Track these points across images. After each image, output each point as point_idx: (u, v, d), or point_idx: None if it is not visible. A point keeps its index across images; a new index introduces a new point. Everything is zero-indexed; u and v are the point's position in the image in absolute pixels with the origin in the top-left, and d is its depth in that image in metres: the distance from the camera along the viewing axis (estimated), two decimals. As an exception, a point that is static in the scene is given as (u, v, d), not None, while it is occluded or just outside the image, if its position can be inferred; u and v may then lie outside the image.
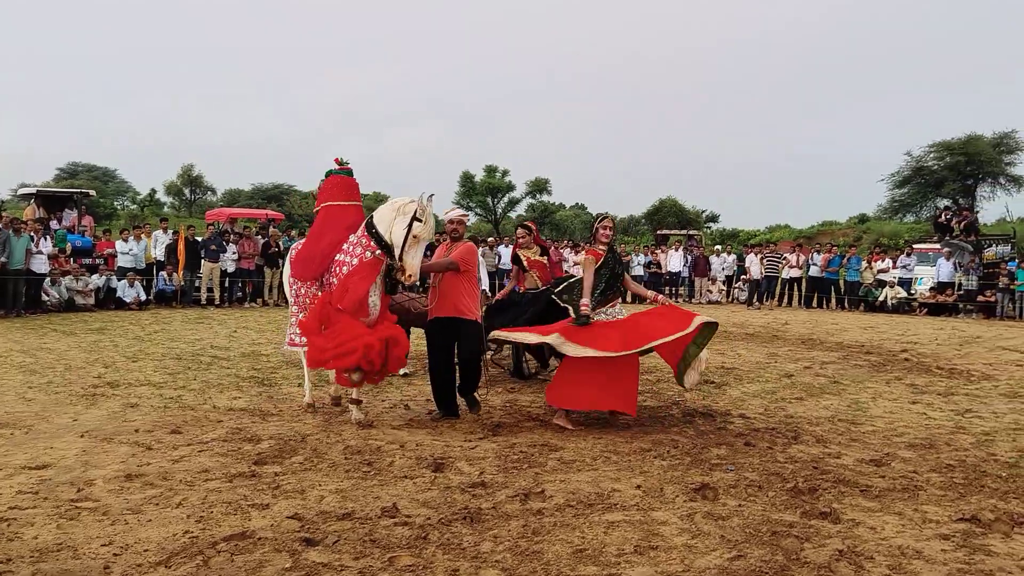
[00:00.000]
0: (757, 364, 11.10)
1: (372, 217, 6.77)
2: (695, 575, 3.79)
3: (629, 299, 23.75)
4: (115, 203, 52.58)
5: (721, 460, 5.90)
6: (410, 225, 6.51)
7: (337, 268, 6.79)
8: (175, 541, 4.14)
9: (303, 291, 7.23)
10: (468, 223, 7.69)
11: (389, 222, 6.61)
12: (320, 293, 6.93)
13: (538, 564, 3.89)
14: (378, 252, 6.65)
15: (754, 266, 23.38)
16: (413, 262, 6.58)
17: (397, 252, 6.58)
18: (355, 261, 6.67)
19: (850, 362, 11.56)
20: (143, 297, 18.12)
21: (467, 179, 54.85)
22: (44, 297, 16.44)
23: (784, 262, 23.56)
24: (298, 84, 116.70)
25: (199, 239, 19.48)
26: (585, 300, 6.73)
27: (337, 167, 7.30)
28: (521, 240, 9.53)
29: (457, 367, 7.27)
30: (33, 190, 21.67)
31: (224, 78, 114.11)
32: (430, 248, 8.56)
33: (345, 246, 6.82)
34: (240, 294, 19.89)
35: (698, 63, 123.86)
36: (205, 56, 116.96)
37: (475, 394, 7.48)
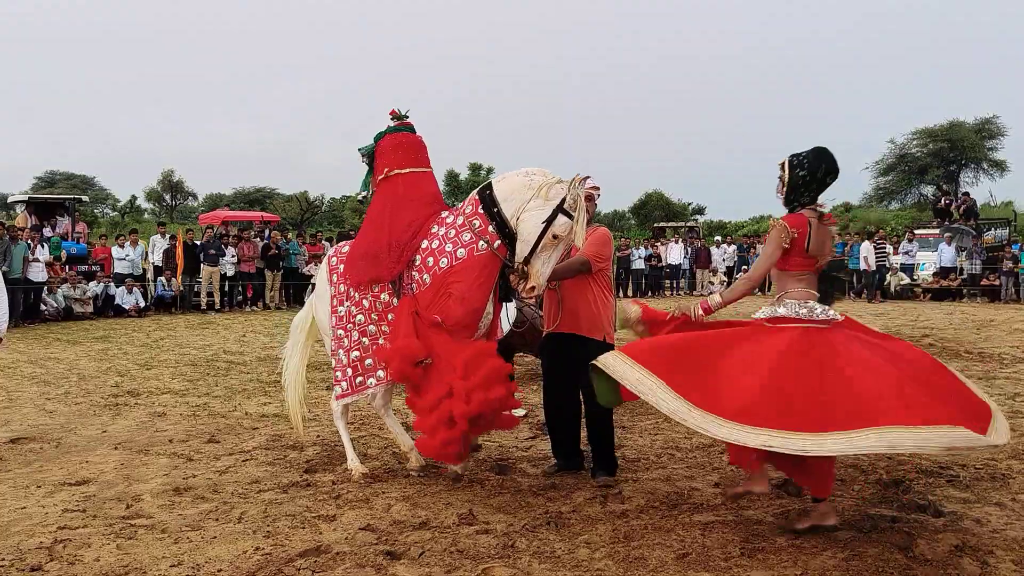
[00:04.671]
0: (785, 354, 10.90)
1: (491, 190, 4.81)
2: (815, 578, 3.56)
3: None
4: (95, 210, 51.80)
5: (790, 453, 5.68)
6: (552, 218, 4.59)
7: (428, 260, 4.78)
8: (248, 559, 3.87)
9: (367, 303, 5.01)
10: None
11: (519, 204, 4.67)
12: (396, 301, 4.93)
13: (645, 571, 3.65)
14: (497, 244, 4.73)
15: (870, 255, 22.07)
16: (544, 270, 4.62)
17: (523, 250, 4.64)
18: (462, 252, 4.70)
19: (877, 349, 11.37)
20: (142, 304, 17.72)
21: (452, 178, 54.47)
22: (42, 306, 16.01)
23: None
24: (274, 87, 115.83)
25: (197, 243, 19.07)
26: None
27: (394, 123, 5.28)
28: None
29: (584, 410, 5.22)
30: (24, 197, 21.17)
31: (198, 83, 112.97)
32: None
33: (437, 229, 4.85)
34: (240, 298, 19.51)
35: (681, 58, 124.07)
36: (179, 61, 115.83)
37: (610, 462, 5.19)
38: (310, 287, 5.99)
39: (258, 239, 20.42)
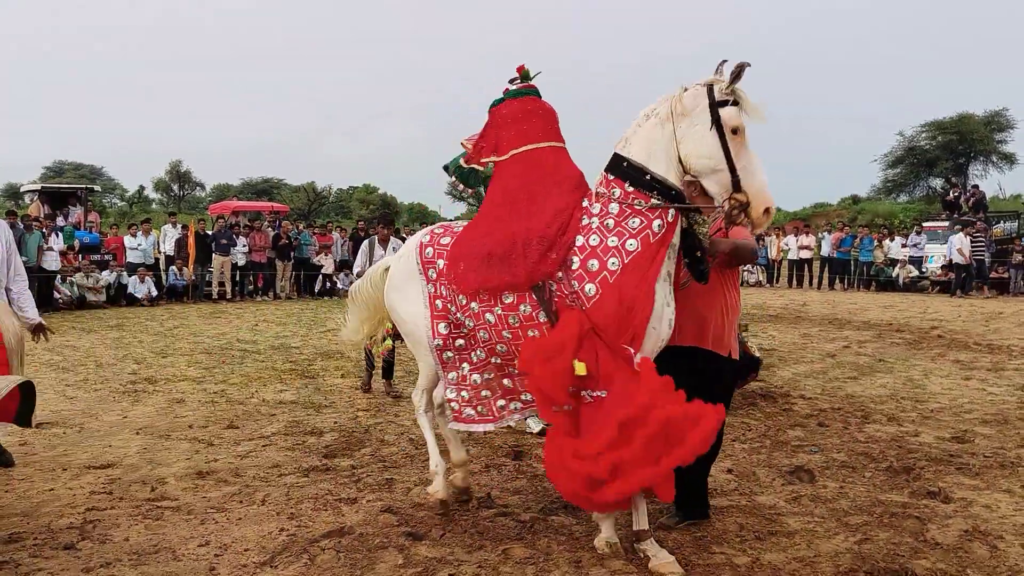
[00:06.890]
0: (794, 345, 10.98)
1: (628, 161, 3.64)
2: (828, 560, 3.64)
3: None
4: (103, 200, 51.96)
5: (801, 442, 5.76)
6: (715, 119, 3.49)
7: (591, 263, 3.56)
8: (273, 539, 3.98)
9: (492, 318, 3.81)
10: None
11: (668, 146, 3.59)
12: (542, 315, 3.67)
13: (662, 553, 3.73)
14: (671, 216, 3.59)
15: (965, 247, 21.28)
16: (758, 179, 3.50)
17: (722, 179, 3.50)
18: (633, 245, 3.53)
19: (885, 340, 11.45)
20: (154, 293, 17.84)
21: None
22: (55, 294, 16.15)
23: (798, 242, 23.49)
24: (279, 80, 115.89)
25: (209, 233, 19.18)
26: None
27: (517, 85, 4.09)
28: None
29: None
30: (36, 186, 21.31)
31: (204, 76, 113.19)
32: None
33: (589, 221, 3.65)
34: (251, 287, 19.62)
35: (689, 47, 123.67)
36: (187, 54, 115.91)
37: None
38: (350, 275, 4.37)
39: (269, 229, 20.51)
